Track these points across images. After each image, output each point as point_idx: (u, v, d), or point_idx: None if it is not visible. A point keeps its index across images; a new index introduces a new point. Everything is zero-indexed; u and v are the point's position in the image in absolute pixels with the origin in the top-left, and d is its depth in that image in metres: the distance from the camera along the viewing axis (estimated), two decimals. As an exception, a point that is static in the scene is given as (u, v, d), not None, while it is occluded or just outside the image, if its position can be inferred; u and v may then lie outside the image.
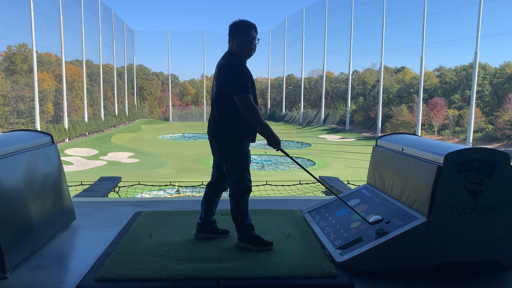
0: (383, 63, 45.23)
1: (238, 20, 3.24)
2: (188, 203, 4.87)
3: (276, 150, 3.27)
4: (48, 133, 3.82)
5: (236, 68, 3.11)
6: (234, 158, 3.18)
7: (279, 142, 3.19)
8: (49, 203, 3.50)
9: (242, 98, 3.03)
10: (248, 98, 3.05)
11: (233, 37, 3.21)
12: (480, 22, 33.25)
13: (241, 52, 3.20)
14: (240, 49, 3.20)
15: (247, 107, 3.03)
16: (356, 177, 10.42)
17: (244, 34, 3.18)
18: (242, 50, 3.20)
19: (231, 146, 3.18)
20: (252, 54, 3.26)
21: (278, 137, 3.20)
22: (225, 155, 3.21)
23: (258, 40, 3.26)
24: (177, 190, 15.16)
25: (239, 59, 3.17)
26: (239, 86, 3.04)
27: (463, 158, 2.82)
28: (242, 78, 3.07)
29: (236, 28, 3.21)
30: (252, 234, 3.23)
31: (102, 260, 2.96)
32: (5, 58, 39.52)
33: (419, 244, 2.86)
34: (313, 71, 66.76)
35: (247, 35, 3.18)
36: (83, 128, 40.19)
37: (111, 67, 52.73)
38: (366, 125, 48.54)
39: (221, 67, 3.16)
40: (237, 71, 3.10)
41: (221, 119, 3.17)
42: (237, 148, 3.17)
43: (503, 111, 38.06)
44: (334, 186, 7.14)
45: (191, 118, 65.90)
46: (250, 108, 3.04)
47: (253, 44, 3.22)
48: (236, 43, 3.19)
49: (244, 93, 3.04)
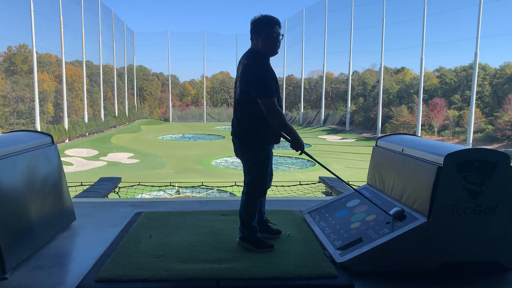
0: (383, 63, 45.25)
1: (261, 16, 3.08)
2: (188, 204, 4.86)
3: (300, 154, 3.25)
4: (48, 133, 3.82)
5: (261, 70, 2.99)
6: (254, 159, 3.14)
7: (303, 146, 3.15)
8: (49, 203, 3.50)
9: (266, 102, 2.94)
10: (273, 102, 2.95)
11: (256, 35, 3.05)
12: (480, 22, 33.25)
13: (265, 50, 3.06)
14: (264, 47, 3.05)
15: (272, 111, 2.95)
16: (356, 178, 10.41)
17: (269, 30, 3.03)
18: (267, 48, 3.06)
19: (253, 147, 3.12)
20: (277, 52, 3.12)
21: (302, 140, 3.15)
22: (246, 155, 3.17)
23: (282, 36, 3.11)
24: (177, 191, 15.16)
25: (263, 59, 3.06)
26: (263, 90, 2.94)
27: (463, 159, 2.82)
28: (267, 80, 2.96)
29: (259, 25, 3.05)
30: (255, 236, 3.23)
31: (102, 261, 2.96)
32: (5, 59, 39.52)
33: (419, 245, 2.86)
34: (313, 72, 66.85)
35: (271, 31, 3.03)
36: (83, 129, 40.18)
37: (111, 68, 52.73)
38: (366, 125, 48.54)
39: (245, 67, 3.05)
40: (262, 73, 2.97)
41: (244, 120, 3.10)
42: (258, 149, 3.12)
43: (503, 112, 38.06)
44: (334, 186, 7.15)
45: (191, 119, 65.87)
46: (274, 112, 2.95)
47: (278, 41, 3.07)
48: (261, 41, 3.04)
49: (268, 97, 2.94)
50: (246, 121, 3.10)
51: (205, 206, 4.71)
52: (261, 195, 3.21)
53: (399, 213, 3.11)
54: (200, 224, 3.83)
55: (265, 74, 2.99)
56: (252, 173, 3.17)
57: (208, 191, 15.64)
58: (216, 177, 20.76)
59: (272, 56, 3.15)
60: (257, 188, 3.18)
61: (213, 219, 4.01)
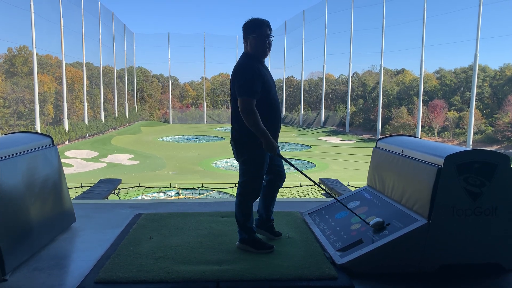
0: (383, 65, 45.29)
1: (250, 19, 3.14)
2: (188, 205, 4.86)
3: (273, 156, 3.26)
4: (48, 135, 3.82)
5: (244, 71, 3.04)
6: (249, 162, 3.16)
7: (275, 149, 3.12)
8: (49, 205, 3.50)
9: (244, 101, 2.97)
10: (250, 102, 2.97)
11: (246, 38, 3.12)
12: (480, 24, 33.28)
13: (255, 52, 3.12)
14: (253, 49, 3.11)
15: (246, 110, 2.96)
16: (356, 179, 10.41)
17: (256, 32, 3.08)
18: (256, 50, 3.11)
19: (247, 148, 3.13)
20: (267, 53, 3.17)
21: (275, 143, 3.15)
22: (241, 156, 3.19)
23: (272, 37, 3.16)
24: (177, 192, 15.14)
25: (252, 60, 3.09)
26: (243, 89, 2.98)
27: (463, 160, 2.82)
28: (249, 80, 2.99)
29: (248, 28, 3.11)
30: (253, 236, 3.23)
31: (102, 262, 2.96)
32: (5, 60, 39.53)
33: (419, 246, 2.85)
34: (313, 73, 66.80)
35: (259, 33, 3.08)
36: (83, 130, 40.18)
37: (111, 69, 52.75)
38: (366, 127, 48.52)
39: (233, 69, 3.12)
40: (245, 74, 3.02)
41: (239, 123, 3.13)
42: (252, 150, 3.12)
43: (503, 113, 38.04)
44: (334, 188, 7.14)
45: (191, 120, 65.87)
46: (248, 112, 2.96)
47: (266, 42, 3.11)
48: (249, 43, 3.10)
49: (246, 96, 2.97)
50: (241, 124, 3.11)
51: (205, 207, 4.71)
52: (253, 197, 3.22)
53: (379, 224, 3.11)
54: (200, 226, 3.83)
55: (249, 74, 3.02)
56: (246, 175, 3.19)
57: (208, 192, 15.64)
58: (216, 179, 20.75)
59: (264, 58, 3.20)
60: (250, 190, 3.19)
61: (213, 220, 4.01)
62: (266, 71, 3.20)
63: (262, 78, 3.07)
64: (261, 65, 3.18)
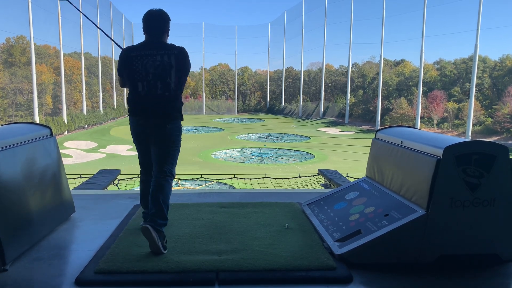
0: (382, 55, 45.10)
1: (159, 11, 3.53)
2: (187, 196, 4.87)
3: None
4: (47, 125, 3.81)
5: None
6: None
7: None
8: (48, 196, 3.50)
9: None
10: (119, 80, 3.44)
11: (168, 29, 3.67)
12: (480, 15, 33.08)
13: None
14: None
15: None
16: (355, 170, 10.44)
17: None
18: None
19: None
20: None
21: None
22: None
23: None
24: (176, 183, 15.16)
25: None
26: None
27: (462, 151, 2.82)
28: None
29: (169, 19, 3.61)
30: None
31: (102, 253, 2.97)
32: (3, 51, 39.30)
33: (417, 237, 2.87)
34: (313, 64, 66.52)
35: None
36: (82, 121, 40.11)
37: (110, 60, 52.48)
38: (366, 118, 48.47)
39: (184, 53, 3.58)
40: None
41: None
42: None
43: (503, 104, 38.01)
44: (333, 179, 7.16)
45: (190, 111, 65.64)
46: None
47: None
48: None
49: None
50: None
51: (204, 198, 4.72)
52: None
53: None
54: (199, 216, 3.84)
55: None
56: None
57: (207, 183, 15.67)
58: (215, 170, 20.79)
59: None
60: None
61: (212, 211, 4.02)
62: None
63: (124, 63, 3.30)
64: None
